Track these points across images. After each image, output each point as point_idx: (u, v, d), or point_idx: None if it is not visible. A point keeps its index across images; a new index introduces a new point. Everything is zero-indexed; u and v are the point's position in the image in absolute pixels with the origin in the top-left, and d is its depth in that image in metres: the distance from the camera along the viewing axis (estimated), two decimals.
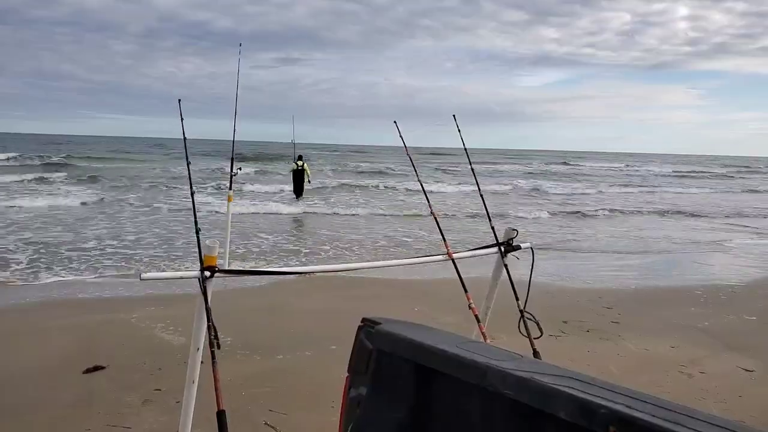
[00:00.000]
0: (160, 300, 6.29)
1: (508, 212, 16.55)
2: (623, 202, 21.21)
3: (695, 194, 26.64)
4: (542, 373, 1.29)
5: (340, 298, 6.53)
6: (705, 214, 17.89)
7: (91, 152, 42.63)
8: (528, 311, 3.19)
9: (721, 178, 41.08)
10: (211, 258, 2.46)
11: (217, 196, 17.43)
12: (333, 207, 16.29)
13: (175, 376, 4.01)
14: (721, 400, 4.09)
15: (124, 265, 8.49)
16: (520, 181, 30.66)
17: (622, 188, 28.77)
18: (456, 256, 3.33)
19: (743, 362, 4.81)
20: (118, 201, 16.50)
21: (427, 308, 6.13)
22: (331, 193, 20.35)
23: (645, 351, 5.06)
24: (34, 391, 4.02)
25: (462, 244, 8.83)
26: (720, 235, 13.10)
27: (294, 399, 3.93)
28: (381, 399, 1.55)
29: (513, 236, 3.35)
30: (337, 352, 4.58)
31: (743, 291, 7.51)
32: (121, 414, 3.67)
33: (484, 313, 3.34)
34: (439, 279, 6.95)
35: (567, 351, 4.90)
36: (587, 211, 17.78)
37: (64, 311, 5.97)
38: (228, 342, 4.86)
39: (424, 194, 3.80)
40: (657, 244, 11.68)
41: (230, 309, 5.88)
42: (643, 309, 6.50)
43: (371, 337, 1.60)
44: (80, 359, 4.50)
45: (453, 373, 1.39)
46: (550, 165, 50.49)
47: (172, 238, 10.77)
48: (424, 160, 45.55)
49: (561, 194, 24.57)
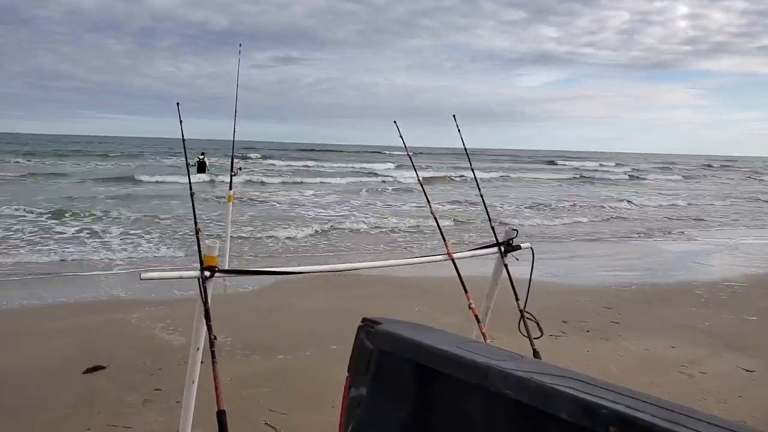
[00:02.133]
0: (160, 300, 6.30)
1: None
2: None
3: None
4: (543, 373, 1.29)
5: (341, 298, 6.53)
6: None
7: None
8: (528, 311, 3.19)
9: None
10: (211, 258, 2.46)
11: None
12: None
13: (175, 376, 4.01)
14: (721, 400, 4.09)
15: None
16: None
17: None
18: (456, 256, 3.34)
19: (743, 362, 4.81)
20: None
21: (428, 308, 6.13)
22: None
23: (645, 351, 5.06)
24: (34, 391, 4.02)
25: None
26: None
27: (294, 399, 3.93)
28: (381, 399, 1.55)
29: (513, 236, 3.36)
30: (337, 352, 4.58)
31: (743, 291, 7.52)
32: (121, 414, 3.67)
33: (484, 313, 3.34)
34: (440, 279, 6.94)
35: (567, 351, 4.90)
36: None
37: (65, 311, 5.97)
38: (228, 342, 4.87)
39: (423, 194, 3.80)
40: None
41: (230, 309, 5.88)
42: (643, 309, 6.50)
43: (371, 337, 1.60)
44: (81, 359, 4.50)
45: (453, 373, 1.39)
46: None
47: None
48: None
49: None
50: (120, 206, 15.18)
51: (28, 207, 13.76)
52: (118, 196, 18.08)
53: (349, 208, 16.73)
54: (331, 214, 15.22)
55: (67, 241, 10.17)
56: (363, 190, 23.28)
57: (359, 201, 19.28)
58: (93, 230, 11.12)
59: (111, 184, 22.59)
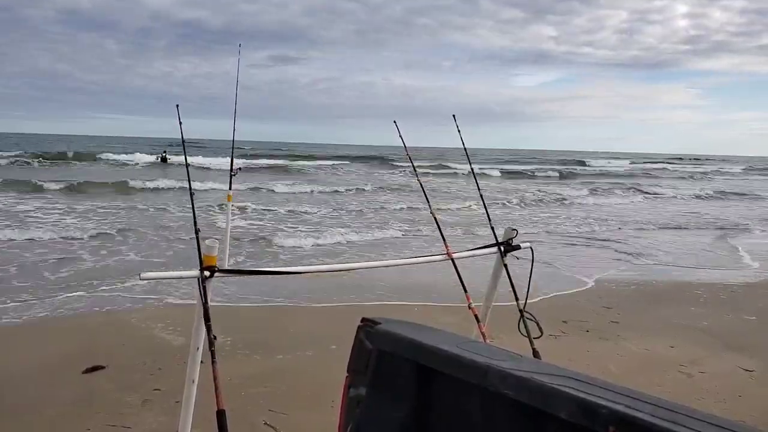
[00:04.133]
0: (159, 300, 6.29)
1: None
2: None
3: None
4: (542, 372, 1.29)
5: (340, 298, 6.54)
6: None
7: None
8: (528, 311, 3.19)
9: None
10: (210, 258, 2.45)
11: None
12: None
13: (174, 376, 4.01)
14: (720, 400, 4.09)
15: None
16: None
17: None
18: (456, 255, 3.33)
19: (743, 362, 4.82)
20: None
21: (427, 308, 6.13)
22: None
23: (645, 351, 5.06)
24: (34, 390, 4.02)
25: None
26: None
27: (294, 399, 3.93)
28: (381, 399, 1.55)
29: (513, 236, 3.35)
30: (337, 352, 4.58)
31: (743, 291, 7.52)
32: (120, 414, 3.67)
33: (483, 313, 3.34)
34: (439, 279, 6.94)
35: (567, 351, 4.90)
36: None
37: (64, 311, 5.97)
38: (228, 342, 4.87)
39: (423, 194, 3.79)
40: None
41: (230, 309, 5.88)
42: (643, 309, 6.50)
43: (371, 337, 1.60)
44: (80, 359, 4.50)
45: (453, 373, 1.39)
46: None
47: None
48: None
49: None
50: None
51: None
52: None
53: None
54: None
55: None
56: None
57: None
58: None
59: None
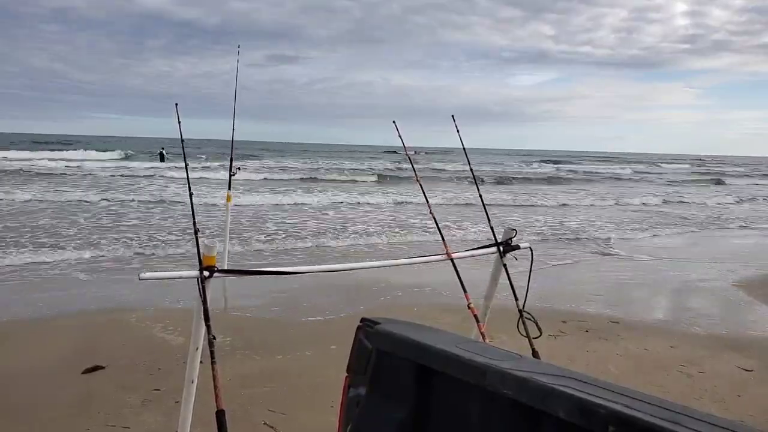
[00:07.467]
0: (159, 300, 6.29)
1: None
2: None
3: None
4: (541, 372, 1.29)
5: (340, 298, 6.53)
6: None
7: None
8: (527, 311, 3.19)
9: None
10: (209, 258, 2.45)
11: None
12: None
13: (174, 376, 4.01)
14: (720, 400, 4.09)
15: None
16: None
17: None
18: (455, 255, 3.33)
19: (742, 362, 4.82)
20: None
21: (427, 308, 6.13)
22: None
23: (644, 351, 5.06)
24: (33, 391, 4.02)
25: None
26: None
27: (293, 399, 3.93)
28: (380, 399, 1.55)
29: (512, 236, 3.35)
30: (336, 352, 4.58)
31: (743, 290, 7.52)
32: (120, 414, 3.67)
33: (483, 313, 3.34)
34: (439, 278, 6.95)
35: (566, 351, 4.90)
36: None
37: (64, 311, 5.97)
38: (228, 342, 4.87)
39: (423, 194, 3.79)
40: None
41: (230, 308, 5.88)
42: (643, 309, 6.51)
43: (370, 337, 1.60)
44: (80, 359, 4.50)
45: (452, 373, 1.39)
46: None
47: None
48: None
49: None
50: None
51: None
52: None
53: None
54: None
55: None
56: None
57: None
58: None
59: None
